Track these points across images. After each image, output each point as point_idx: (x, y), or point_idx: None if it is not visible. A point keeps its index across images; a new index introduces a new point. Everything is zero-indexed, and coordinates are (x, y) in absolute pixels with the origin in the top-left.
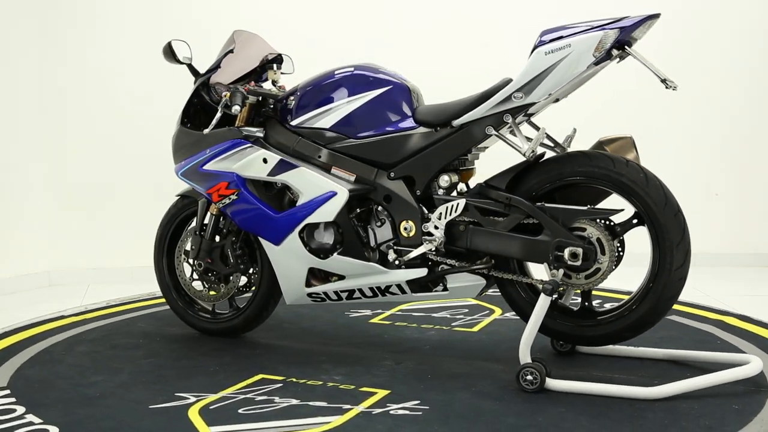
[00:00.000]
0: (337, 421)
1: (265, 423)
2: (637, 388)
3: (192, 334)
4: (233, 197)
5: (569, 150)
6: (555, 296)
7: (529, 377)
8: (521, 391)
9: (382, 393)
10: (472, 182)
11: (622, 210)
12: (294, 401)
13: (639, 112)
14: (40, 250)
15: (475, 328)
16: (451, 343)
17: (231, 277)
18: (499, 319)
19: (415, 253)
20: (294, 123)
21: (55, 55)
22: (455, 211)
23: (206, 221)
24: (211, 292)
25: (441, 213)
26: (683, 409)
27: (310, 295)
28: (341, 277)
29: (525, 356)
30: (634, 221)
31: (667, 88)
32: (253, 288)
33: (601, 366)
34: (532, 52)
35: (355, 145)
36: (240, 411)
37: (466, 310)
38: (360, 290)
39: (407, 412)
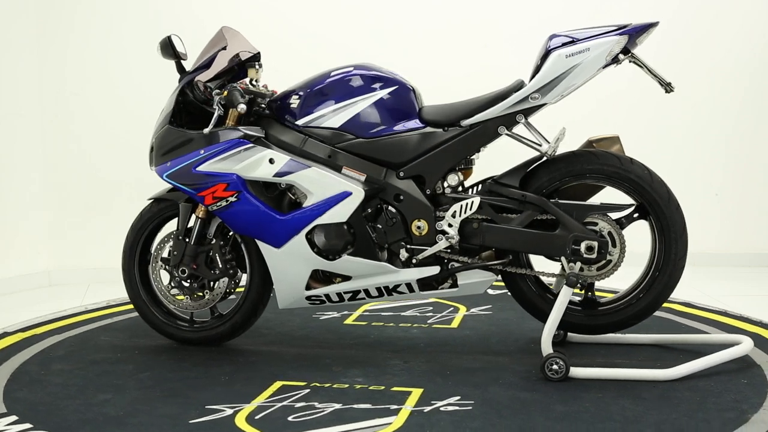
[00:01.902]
0: (397, 421)
1: (328, 429)
2: (655, 370)
3: (168, 344)
4: (231, 199)
5: (557, 150)
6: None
7: (555, 366)
8: (546, 381)
9: (417, 391)
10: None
11: (633, 205)
12: (336, 405)
13: (639, 112)
14: (40, 250)
15: (453, 325)
16: (441, 340)
17: (217, 283)
18: (468, 315)
19: (432, 250)
20: (300, 122)
21: (54, 54)
22: (470, 209)
23: (188, 225)
24: (183, 298)
25: (455, 211)
26: (704, 387)
27: (309, 297)
28: (346, 278)
29: (548, 347)
30: (635, 215)
31: (668, 92)
32: (240, 291)
33: (600, 353)
34: (546, 55)
35: (365, 145)
36: (290, 419)
37: (431, 308)
38: (366, 291)
39: (457, 407)
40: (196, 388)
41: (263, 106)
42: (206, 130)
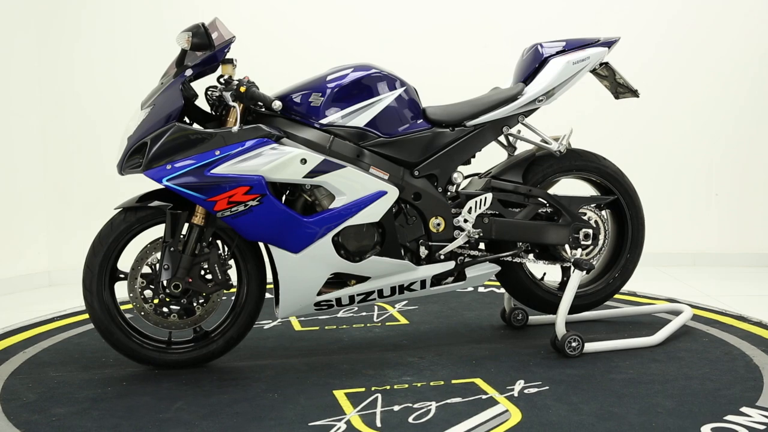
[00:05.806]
0: (513, 410)
1: (458, 426)
2: (644, 338)
3: (142, 370)
4: (252, 203)
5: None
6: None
7: (574, 344)
8: (566, 357)
9: (478, 381)
10: None
11: (616, 197)
12: (432, 404)
13: (639, 111)
14: (40, 250)
15: (403, 321)
16: (415, 336)
17: (212, 297)
18: (402, 311)
19: (452, 246)
20: (324, 121)
21: (54, 53)
22: (485, 204)
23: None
24: (173, 317)
25: (471, 207)
26: (688, 347)
27: (318, 303)
28: (361, 280)
29: (563, 327)
30: (602, 206)
31: (617, 98)
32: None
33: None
34: (544, 61)
35: (387, 144)
36: (410, 421)
37: (357, 308)
38: (379, 291)
39: (536, 389)
40: (263, 407)
41: (261, 104)
42: (234, 129)
